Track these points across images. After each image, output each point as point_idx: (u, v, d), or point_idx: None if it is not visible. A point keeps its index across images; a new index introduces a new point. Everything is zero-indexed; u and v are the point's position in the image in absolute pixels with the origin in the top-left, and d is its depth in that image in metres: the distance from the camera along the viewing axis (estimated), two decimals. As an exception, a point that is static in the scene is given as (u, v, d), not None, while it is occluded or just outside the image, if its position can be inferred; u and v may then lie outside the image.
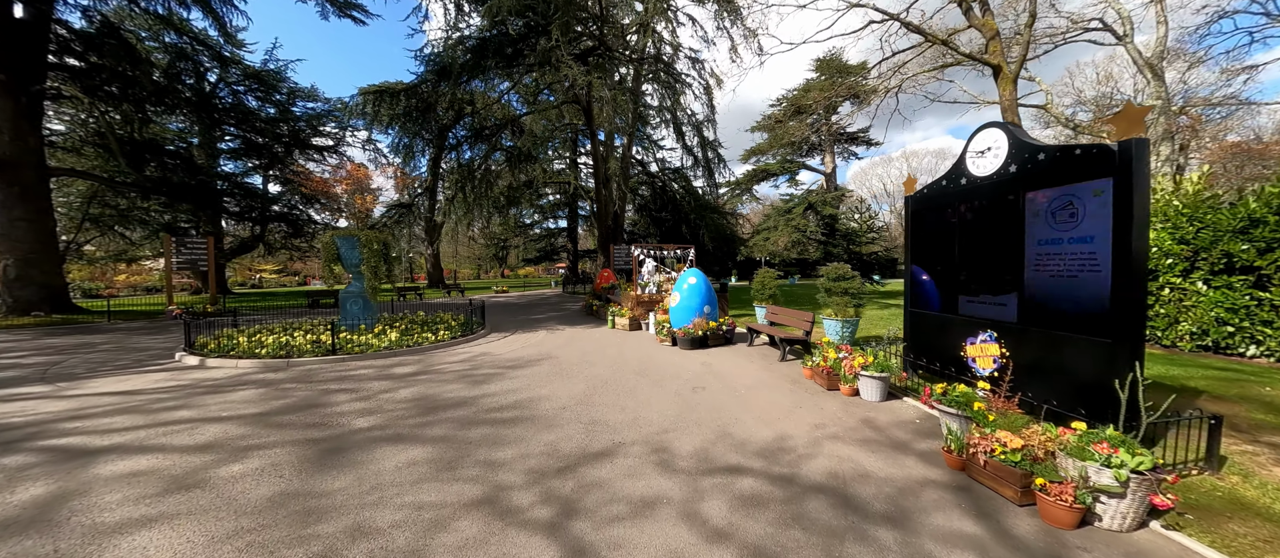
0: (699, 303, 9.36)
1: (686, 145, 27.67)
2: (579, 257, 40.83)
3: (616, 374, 6.90)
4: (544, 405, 5.39)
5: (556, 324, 12.96)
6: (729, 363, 7.72)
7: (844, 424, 4.85)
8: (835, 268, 9.02)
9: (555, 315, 15.38)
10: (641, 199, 35.36)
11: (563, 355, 8.41)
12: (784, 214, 42.79)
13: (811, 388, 6.25)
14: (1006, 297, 5.02)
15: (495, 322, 13.60)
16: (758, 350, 8.83)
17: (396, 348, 8.87)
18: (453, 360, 8.09)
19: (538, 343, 9.85)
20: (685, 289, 9.52)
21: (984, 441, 3.69)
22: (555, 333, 11.30)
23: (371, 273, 10.48)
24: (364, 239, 10.47)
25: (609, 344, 9.56)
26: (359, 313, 10.63)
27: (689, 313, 9.34)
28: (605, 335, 10.82)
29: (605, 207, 24.04)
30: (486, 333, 11.26)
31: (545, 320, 13.97)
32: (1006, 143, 5.09)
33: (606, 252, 22.83)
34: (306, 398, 5.86)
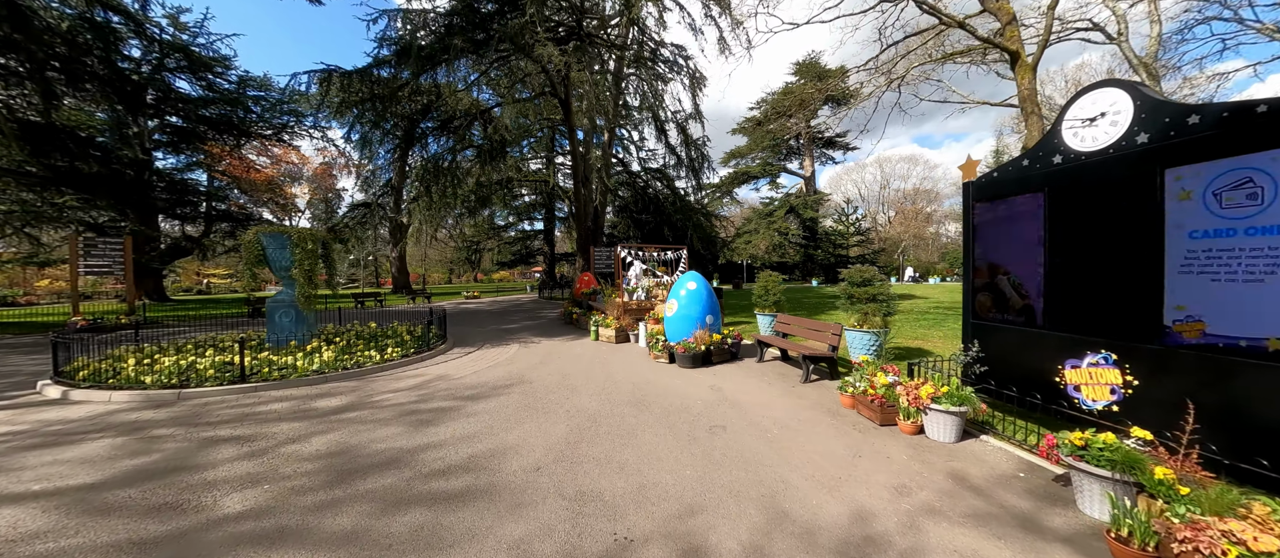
0: (700, 312, 7.96)
1: (669, 144, 26.40)
2: (556, 260, 39.03)
3: (607, 406, 5.40)
4: (510, 464, 3.85)
5: (531, 336, 11.34)
6: (743, 387, 6.32)
7: (932, 484, 3.50)
8: (858, 271, 7.78)
9: (530, 325, 13.73)
10: (622, 200, 33.93)
11: (537, 378, 6.85)
12: (765, 217, 42.10)
13: (859, 423, 4.90)
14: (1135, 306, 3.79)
15: (460, 333, 11.87)
16: (771, 368, 7.47)
17: (329, 371, 7.13)
18: (398, 388, 6.42)
19: (507, 361, 8.24)
20: (683, 296, 8.10)
21: (1196, 533, 2.37)
22: (529, 347, 9.69)
23: (305, 278, 8.68)
24: (295, 237, 8.66)
25: (594, 362, 8.04)
26: (289, 326, 8.81)
27: (689, 324, 7.92)
28: (588, 350, 9.29)
29: (584, 206, 22.49)
30: (447, 348, 9.57)
31: (518, 331, 12.32)
32: (1130, 105, 3.86)
33: (586, 254, 21.29)
34: (175, 456, 4.15)
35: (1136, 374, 3.77)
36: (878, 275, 7.79)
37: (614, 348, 9.44)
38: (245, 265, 8.83)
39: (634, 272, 11.32)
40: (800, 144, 48.36)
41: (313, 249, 8.72)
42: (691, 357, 7.40)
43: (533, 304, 22.31)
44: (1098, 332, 4.05)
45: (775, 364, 7.76)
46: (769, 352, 8.19)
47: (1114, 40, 17.61)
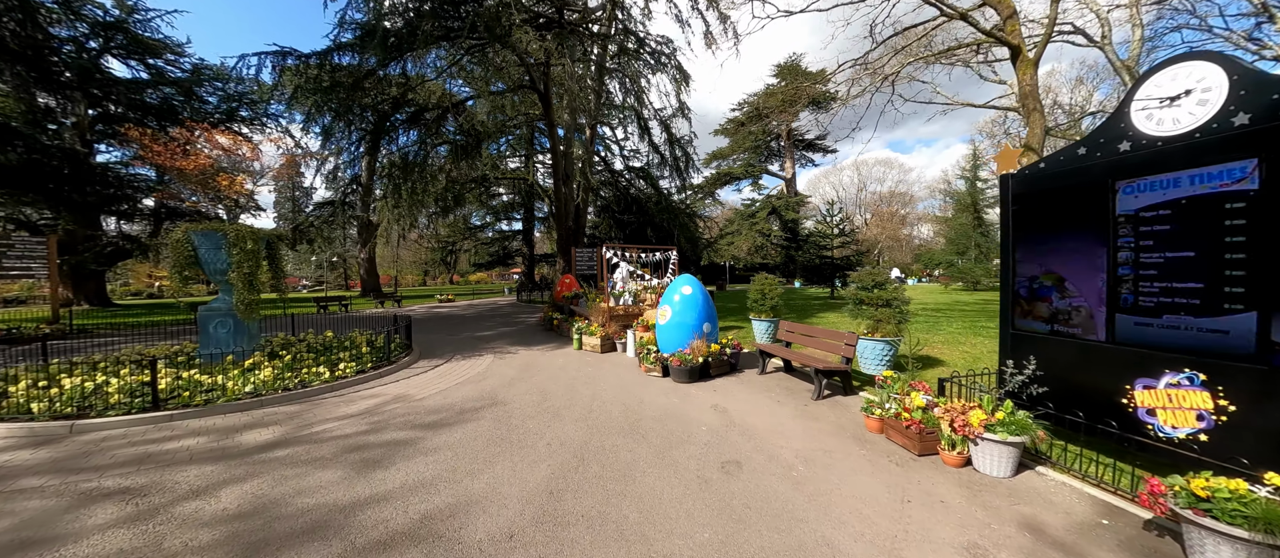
0: (696, 320, 7.19)
1: (653, 142, 25.65)
2: (536, 261, 37.88)
3: (596, 436, 4.57)
4: (475, 528, 2.98)
5: (507, 344, 10.39)
6: (751, 406, 5.58)
7: (1008, 541, 2.80)
8: (870, 273, 7.15)
9: (507, 332, 12.75)
10: (603, 200, 33.08)
11: (513, 399, 5.96)
12: (747, 218, 41.85)
13: (893, 453, 4.20)
14: (1232, 317, 3.18)
15: (428, 342, 10.83)
16: (775, 382, 6.76)
17: (267, 392, 6.08)
18: (346, 414, 5.44)
19: (479, 376, 7.31)
20: (678, 302, 7.33)
21: None
22: (504, 359, 8.76)
23: (244, 282, 7.56)
24: (232, 235, 7.55)
25: (578, 377, 7.19)
26: (226, 338, 7.68)
27: (684, 333, 7.15)
28: (571, 362, 8.42)
29: (565, 205, 21.54)
30: (411, 361, 8.56)
31: (493, 339, 11.34)
32: (1224, 81, 3.25)
33: (567, 255, 20.35)
34: (28, 523, 3.14)
35: (1233, 399, 3.16)
36: (891, 278, 7.18)
37: (600, 359, 8.59)
38: (173, 268, 7.65)
39: (620, 274, 10.50)
40: (781, 146, 48.41)
41: (253, 249, 7.61)
42: (688, 370, 6.62)
43: (510, 308, 21.25)
44: (1180, 347, 3.43)
45: (778, 376, 7.05)
46: (771, 362, 7.49)
47: (1097, 44, 17.69)
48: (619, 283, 10.47)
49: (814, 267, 34.90)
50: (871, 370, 6.88)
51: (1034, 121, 10.26)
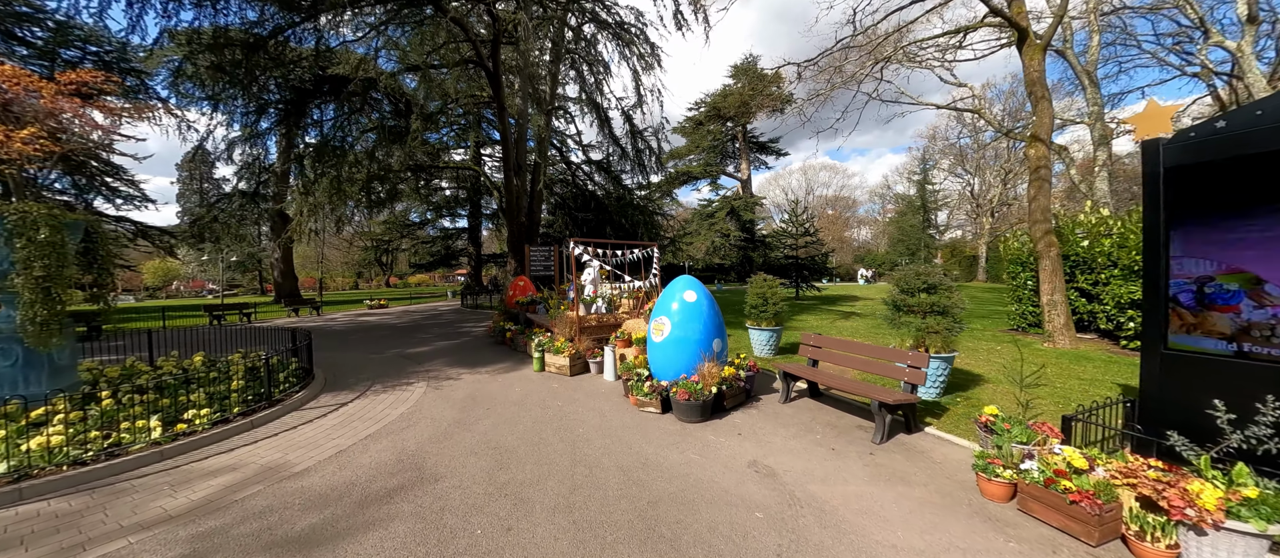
0: (703, 334, 5.52)
1: (613, 134, 23.87)
2: (483, 262, 34.93)
3: (597, 548, 2.76)
4: None
5: (446, 366, 8.23)
6: (803, 463, 3.95)
7: None
8: (916, 272, 5.81)
9: (446, 347, 10.50)
10: (557, 197, 30.91)
11: (450, 467, 3.98)
12: (706, 218, 41.04)
13: (1054, 543, 2.70)
14: None
15: (342, 364, 8.45)
16: (807, 413, 5.21)
17: (44, 470, 3.75)
18: (159, 518, 3.26)
19: (402, 423, 5.21)
20: (677, 311, 5.62)
21: None
22: (441, 389, 6.65)
23: (37, 291, 5.03)
24: (14, 220, 5.00)
25: (546, 418, 5.28)
26: (12, 374, 5.12)
27: (686, 352, 5.46)
28: (532, 391, 6.47)
29: (517, 199, 19.29)
30: (308, 397, 6.27)
31: (429, 358, 9.10)
32: None
33: (520, 254, 18.15)
34: None
35: None
36: (943, 278, 5.86)
37: (570, 386, 6.71)
38: (-89, 270, 4.98)
39: (589, 275, 8.66)
40: (737, 148, 48.22)
41: (50, 241, 5.09)
42: (699, 406, 4.94)
43: (453, 315, 18.69)
44: None
45: (806, 405, 5.52)
46: (795, 385, 5.95)
47: (1057, 49, 17.92)
48: (589, 286, 8.63)
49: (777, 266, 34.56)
50: (920, 395, 5.51)
51: (1042, 110, 9.55)
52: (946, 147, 46.51)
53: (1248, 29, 16.78)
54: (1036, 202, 9.68)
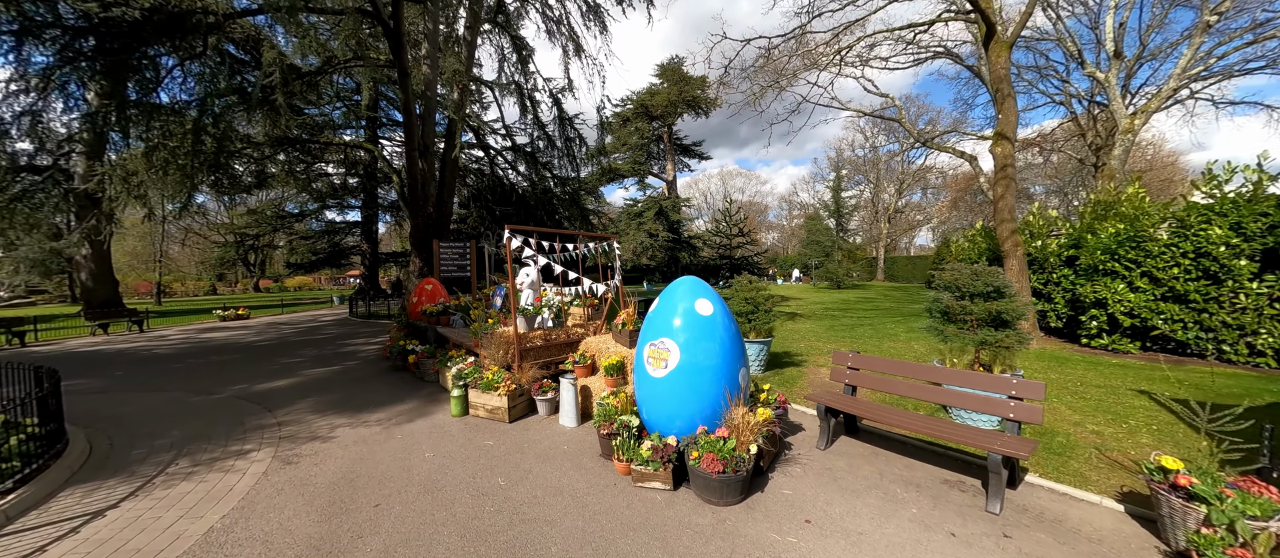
0: (727, 362, 3.72)
1: (538, 119, 21.36)
2: (380, 261, 30.18)
3: None
4: None
5: (315, 415, 5.54)
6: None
7: None
8: (973, 273, 4.56)
9: (321, 379, 7.61)
10: (472, 188, 27.50)
11: None
12: (634, 218, 39.76)
13: None
14: None
15: (137, 419, 5.39)
16: (863, 462, 3.64)
17: None
18: None
19: (209, 547, 2.77)
20: (682, 329, 3.74)
21: None
22: (298, 466, 4.10)
23: None
24: None
25: (483, 519, 3.10)
26: None
27: (706, 390, 3.62)
28: (453, 457, 4.19)
29: (423, 186, 16.15)
30: (39, 495, 3.44)
31: (289, 402, 6.26)
32: None
33: (426, 251, 15.15)
34: None
35: None
36: (1006, 281, 4.66)
37: (513, 441, 4.53)
38: None
39: (528, 277, 6.47)
40: (662, 149, 47.68)
41: None
42: (738, 480, 3.13)
43: (339, 328, 15.07)
44: None
45: (854, 449, 3.97)
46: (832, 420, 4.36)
47: (971, 68, 18.99)
48: (528, 291, 6.45)
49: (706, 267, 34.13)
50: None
51: (1007, 108, 9.23)
52: (848, 158, 49.95)
53: (1114, 64, 19.01)
54: (1003, 200, 9.39)
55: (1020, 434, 3.44)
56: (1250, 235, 7.46)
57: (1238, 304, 7.48)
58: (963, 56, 20.06)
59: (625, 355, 4.91)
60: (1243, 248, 7.50)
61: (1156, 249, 8.23)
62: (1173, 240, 8.09)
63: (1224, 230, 7.63)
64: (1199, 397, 4.64)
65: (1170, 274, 8.05)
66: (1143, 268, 8.36)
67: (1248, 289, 7.39)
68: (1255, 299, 7.33)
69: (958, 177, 43.89)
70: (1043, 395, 3.44)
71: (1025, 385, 3.45)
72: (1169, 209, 8.47)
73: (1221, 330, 7.62)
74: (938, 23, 11.55)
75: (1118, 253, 8.63)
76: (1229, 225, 7.66)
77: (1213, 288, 7.69)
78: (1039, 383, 3.43)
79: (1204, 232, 7.80)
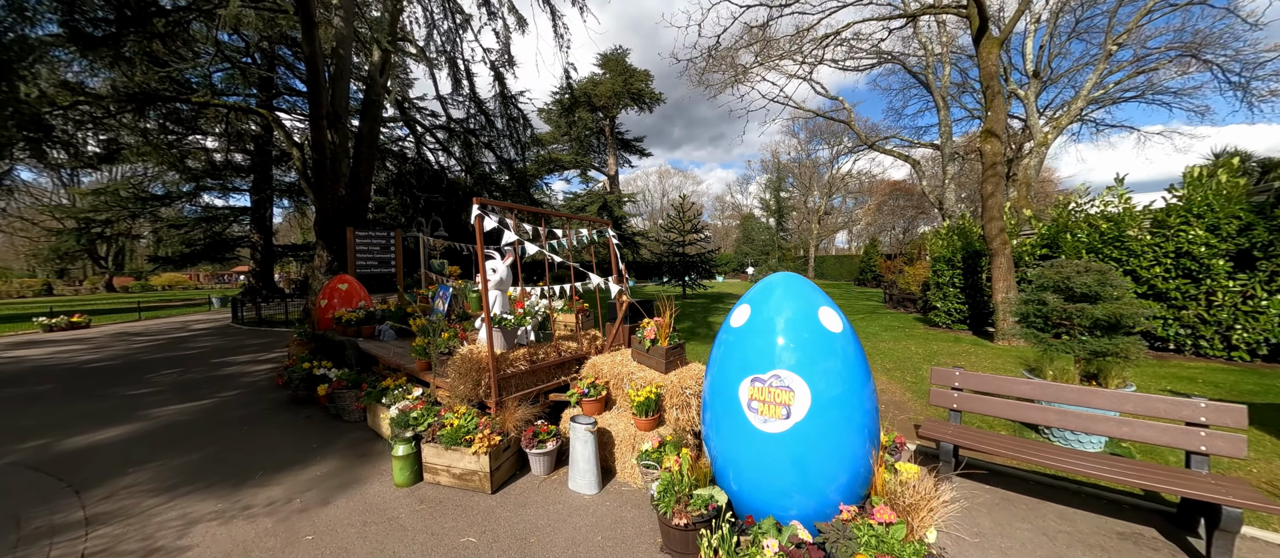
0: (869, 406, 2.43)
1: (475, 95, 18.89)
2: (276, 255, 25.66)
3: None
4: None
5: (161, 499, 3.47)
6: None
7: None
8: (1081, 267, 3.69)
9: (180, 426, 5.29)
10: (391, 172, 24.16)
11: None
12: (578, 211, 37.85)
13: None
14: None
15: None
16: (1014, 517, 2.55)
17: None
18: None
19: None
20: (804, 357, 2.39)
21: None
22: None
23: None
24: None
25: None
26: None
27: (847, 450, 2.29)
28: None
29: (333, 162, 13.35)
30: None
31: (119, 473, 4.05)
32: None
33: (337, 242, 12.55)
34: None
35: None
36: (1114, 280, 3.83)
37: (509, 533, 2.89)
38: None
39: (495, 274, 4.77)
40: (604, 142, 46.14)
41: None
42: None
43: (216, 339, 11.96)
44: None
45: (991, 496, 2.88)
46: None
47: (919, 77, 19.54)
48: (495, 293, 4.75)
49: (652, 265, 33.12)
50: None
51: (996, 105, 8.93)
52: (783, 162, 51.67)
53: (1033, 83, 20.55)
54: (992, 198, 9.13)
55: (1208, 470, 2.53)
56: (1225, 236, 7.61)
57: (1215, 301, 7.62)
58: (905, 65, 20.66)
59: (664, 385, 3.47)
60: (1219, 248, 7.64)
61: (1139, 248, 8.28)
62: (1155, 240, 8.16)
63: (1203, 231, 7.74)
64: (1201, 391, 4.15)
65: (1152, 273, 8.11)
66: (1126, 267, 8.37)
67: (1224, 287, 7.54)
68: (1231, 297, 7.50)
69: (882, 183, 46.83)
70: (1245, 421, 2.56)
71: (1218, 409, 2.54)
72: (1149, 210, 8.59)
73: (1199, 327, 7.75)
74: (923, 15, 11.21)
75: (1102, 252, 8.62)
76: (1206, 226, 7.78)
77: (1191, 286, 7.82)
78: (1238, 406, 2.53)
79: (1185, 232, 7.90)
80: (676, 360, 3.67)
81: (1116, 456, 3.76)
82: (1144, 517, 2.95)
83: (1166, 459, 3.78)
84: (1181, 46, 18.73)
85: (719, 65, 16.15)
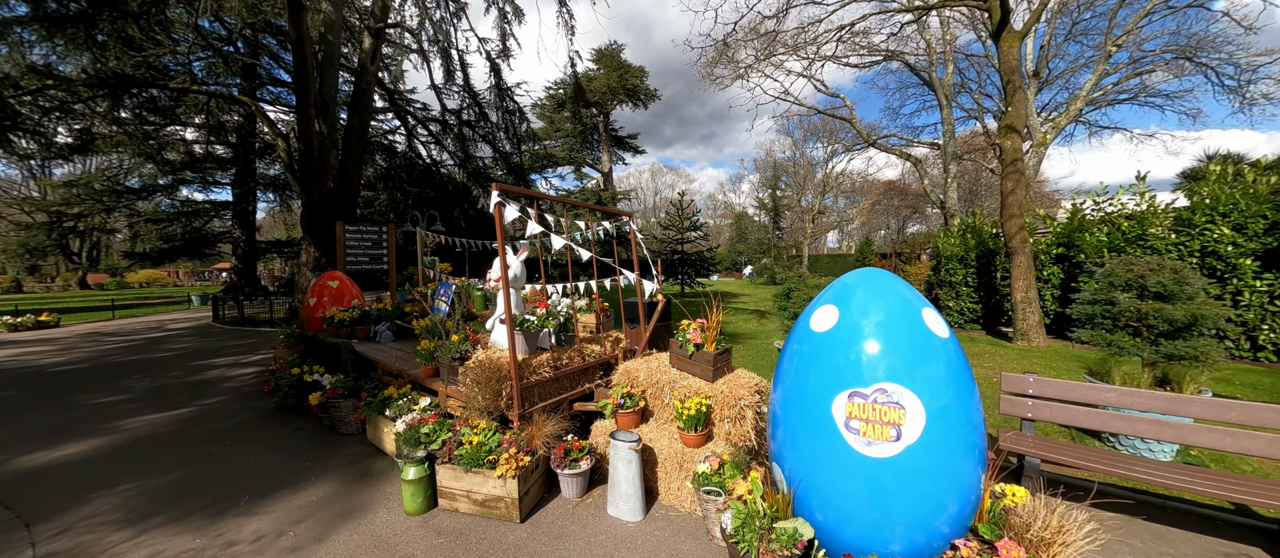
0: (979, 422, 2.11)
1: (470, 86, 18.28)
2: (260, 251, 24.76)
3: None
4: None
5: (118, 529, 2.97)
6: None
7: None
8: (1154, 265, 3.39)
9: (153, 440, 4.76)
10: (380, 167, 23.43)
11: None
12: (572, 209, 37.34)
13: None
14: None
15: None
16: (1131, 543, 2.22)
17: None
18: None
19: None
20: (909, 367, 2.00)
21: None
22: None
23: None
24: None
25: None
26: None
27: (960, 475, 1.91)
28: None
29: (321, 154, 12.74)
30: None
31: (80, 497, 3.54)
32: None
33: (325, 237, 11.97)
34: None
35: None
36: (1188, 277, 3.54)
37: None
38: None
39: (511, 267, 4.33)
40: (597, 138, 45.64)
41: None
42: None
43: (196, 340, 11.29)
44: None
45: None
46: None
47: (922, 76, 19.37)
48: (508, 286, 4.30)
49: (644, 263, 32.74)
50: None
51: (1017, 100, 8.66)
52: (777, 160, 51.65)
53: (1032, 83, 20.50)
54: (1013, 195, 8.88)
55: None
56: (1252, 235, 7.44)
57: (1242, 301, 7.44)
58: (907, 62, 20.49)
59: (713, 395, 3.06)
60: (1246, 247, 7.46)
61: (1163, 247, 8.07)
62: (1180, 239, 7.96)
63: (1229, 230, 7.56)
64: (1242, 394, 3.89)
65: (1178, 273, 7.90)
66: (1150, 266, 8.17)
67: (1251, 286, 7.36)
68: (1258, 296, 7.32)
69: (876, 183, 46.97)
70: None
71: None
72: (1171, 209, 8.40)
73: (1226, 327, 7.56)
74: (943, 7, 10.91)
75: (1125, 251, 8.41)
76: (1232, 225, 7.60)
77: (1217, 286, 7.63)
78: None
79: (1210, 231, 7.71)
80: (724, 367, 3.26)
81: (1191, 465, 3.45)
82: (1242, 534, 2.65)
83: (1240, 468, 3.49)
84: (1176, 49, 18.82)
85: (738, 48, 15.57)
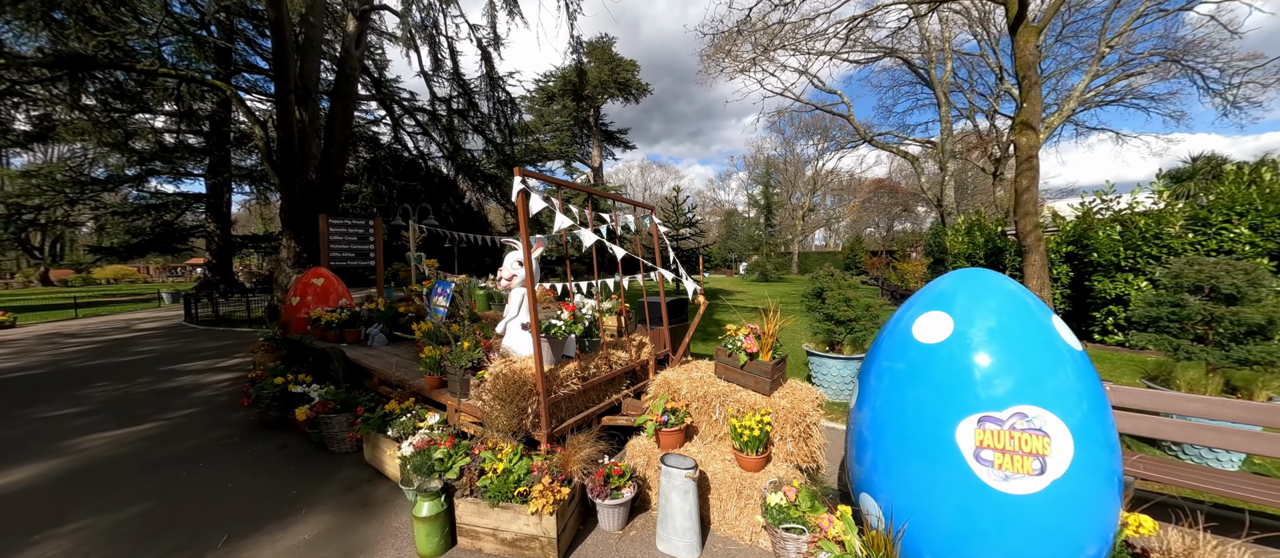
0: (1116, 447, 1.72)
1: (459, 74, 17.58)
2: (235, 246, 23.70)
3: None
4: None
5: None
6: None
7: None
8: (1222, 267, 3.18)
9: (112, 462, 4.20)
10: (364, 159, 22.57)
11: None
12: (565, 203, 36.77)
13: None
14: None
15: None
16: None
17: None
18: None
19: None
20: (1041, 387, 1.63)
21: None
22: None
23: None
24: None
25: None
26: None
27: (1104, 509, 1.57)
28: None
29: (302, 142, 12.04)
30: None
31: (22, 541, 3.04)
32: None
33: (306, 231, 11.30)
34: None
35: None
36: (1262, 276, 3.34)
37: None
38: None
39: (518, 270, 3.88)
40: (588, 133, 45.01)
41: None
42: None
43: (165, 342, 10.53)
44: None
45: None
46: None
47: (921, 74, 19.24)
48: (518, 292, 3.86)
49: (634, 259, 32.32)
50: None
51: (1033, 96, 8.53)
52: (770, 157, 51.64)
53: (1026, 78, 20.57)
54: (1027, 193, 8.71)
55: None
56: (1269, 234, 7.35)
57: (1260, 302, 7.35)
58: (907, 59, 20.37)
59: (773, 411, 2.67)
60: (1262, 246, 7.37)
61: (1179, 246, 7.96)
62: (1197, 238, 7.86)
63: (1246, 230, 7.46)
64: None
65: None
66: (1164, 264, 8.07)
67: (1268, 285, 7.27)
68: (1275, 297, 7.23)
69: (866, 181, 47.24)
70: None
71: None
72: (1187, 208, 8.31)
73: (1241, 329, 7.47)
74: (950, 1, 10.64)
75: (1142, 250, 8.30)
76: (1249, 225, 7.51)
77: (1234, 286, 7.53)
78: None
79: (1227, 230, 7.61)
80: (780, 378, 2.88)
81: (1260, 475, 3.19)
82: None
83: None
84: (1165, 52, 19.06)
85: (742, 42, 15.10)
